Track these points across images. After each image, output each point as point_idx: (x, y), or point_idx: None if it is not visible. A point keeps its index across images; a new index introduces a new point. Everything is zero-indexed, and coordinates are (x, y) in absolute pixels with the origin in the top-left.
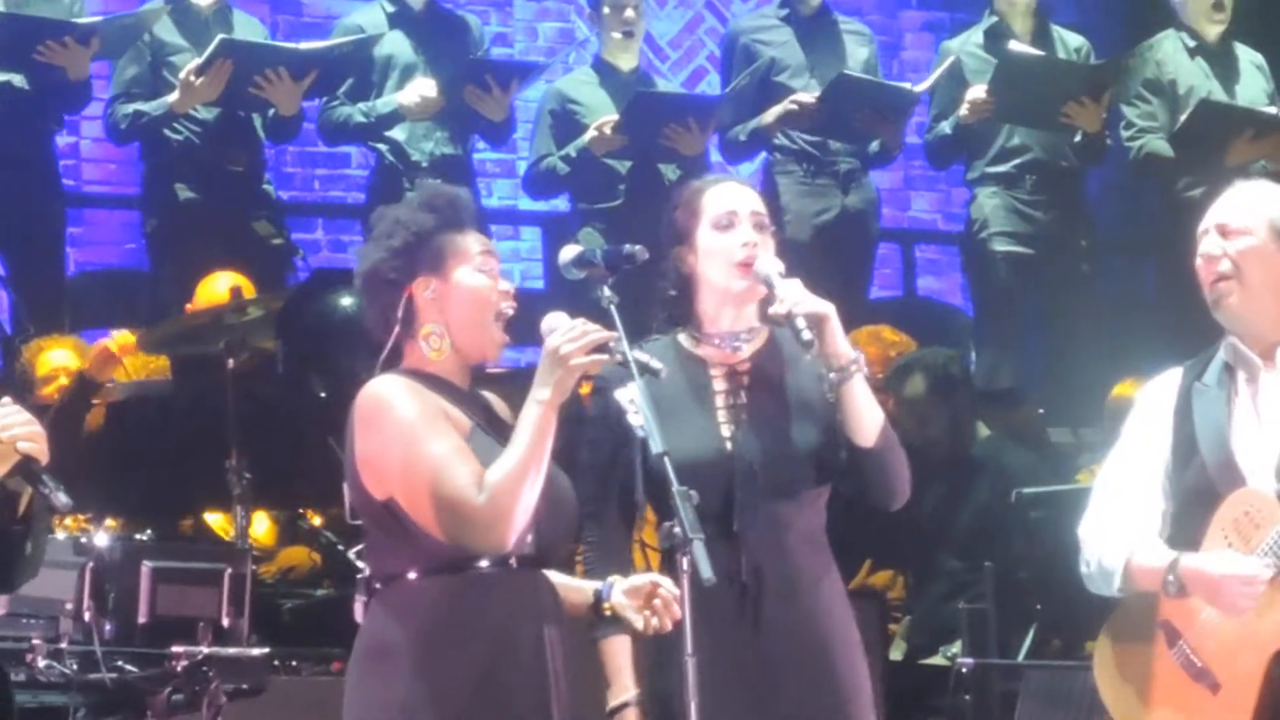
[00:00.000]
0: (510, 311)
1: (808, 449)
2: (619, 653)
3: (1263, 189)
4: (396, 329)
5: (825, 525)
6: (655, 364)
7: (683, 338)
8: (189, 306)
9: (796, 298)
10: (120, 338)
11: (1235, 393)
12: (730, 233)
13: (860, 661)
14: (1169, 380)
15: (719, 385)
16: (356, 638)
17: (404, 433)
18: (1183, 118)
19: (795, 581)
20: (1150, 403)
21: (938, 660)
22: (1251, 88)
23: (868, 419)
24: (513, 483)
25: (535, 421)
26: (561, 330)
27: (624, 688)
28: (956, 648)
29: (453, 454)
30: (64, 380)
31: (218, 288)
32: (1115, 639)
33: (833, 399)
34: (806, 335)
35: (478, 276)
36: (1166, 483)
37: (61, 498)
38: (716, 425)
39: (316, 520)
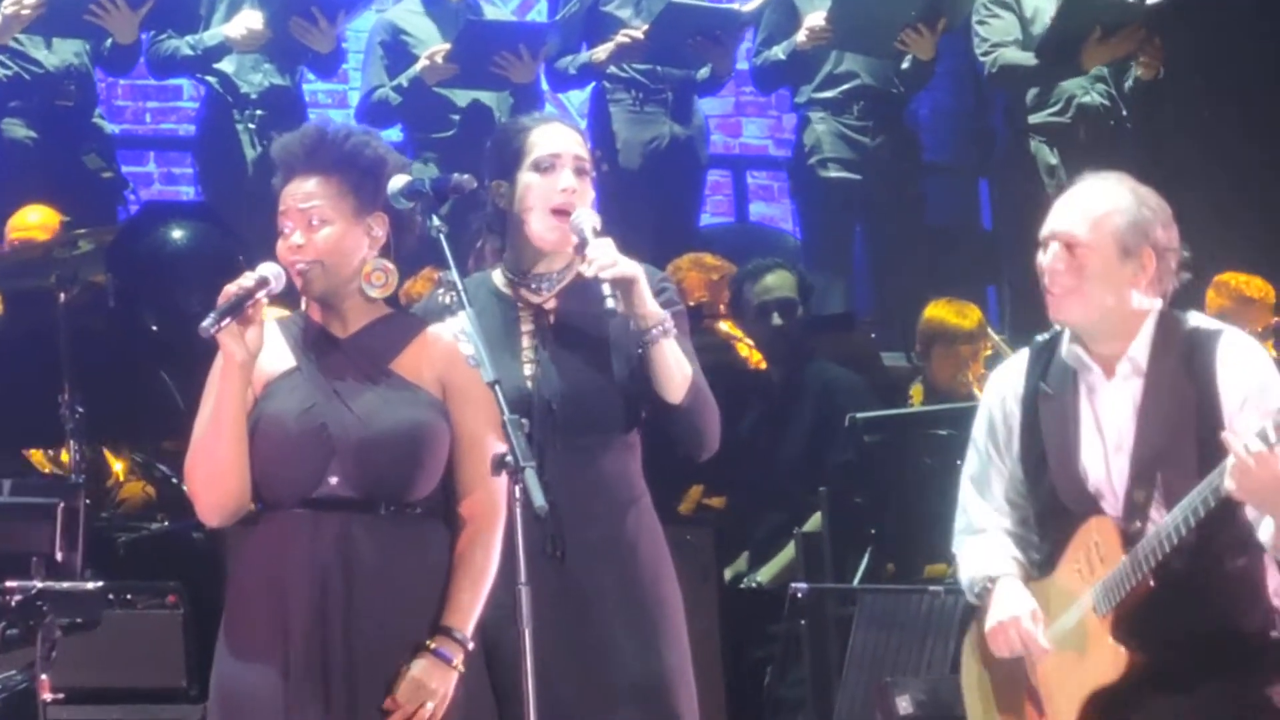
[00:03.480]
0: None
1: (609, 390)
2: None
3: (1108, 193)
4: None
5: (638, 464)
6: None
7: (495, 275)
8: (6, 240)
9: (604, 261)
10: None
11: (1078, 402)
12: (550, 175)
13: (670, 590)
14: (1012, 378)
15: (526, 325)
16: None
17: None
18: (1049, 20)
19: (597, 517)
20: (996, 404)
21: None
22: None
23: (677, 378)
24: (190, 454)
25: (209, 391)
26: None
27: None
28: (762, 576)
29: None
30: None
31: (29, 220)
32: (974, 648)
33: (640, 356)
34: (610, 304)
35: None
36: (1020, 493)
37: None
38: (520, 364)
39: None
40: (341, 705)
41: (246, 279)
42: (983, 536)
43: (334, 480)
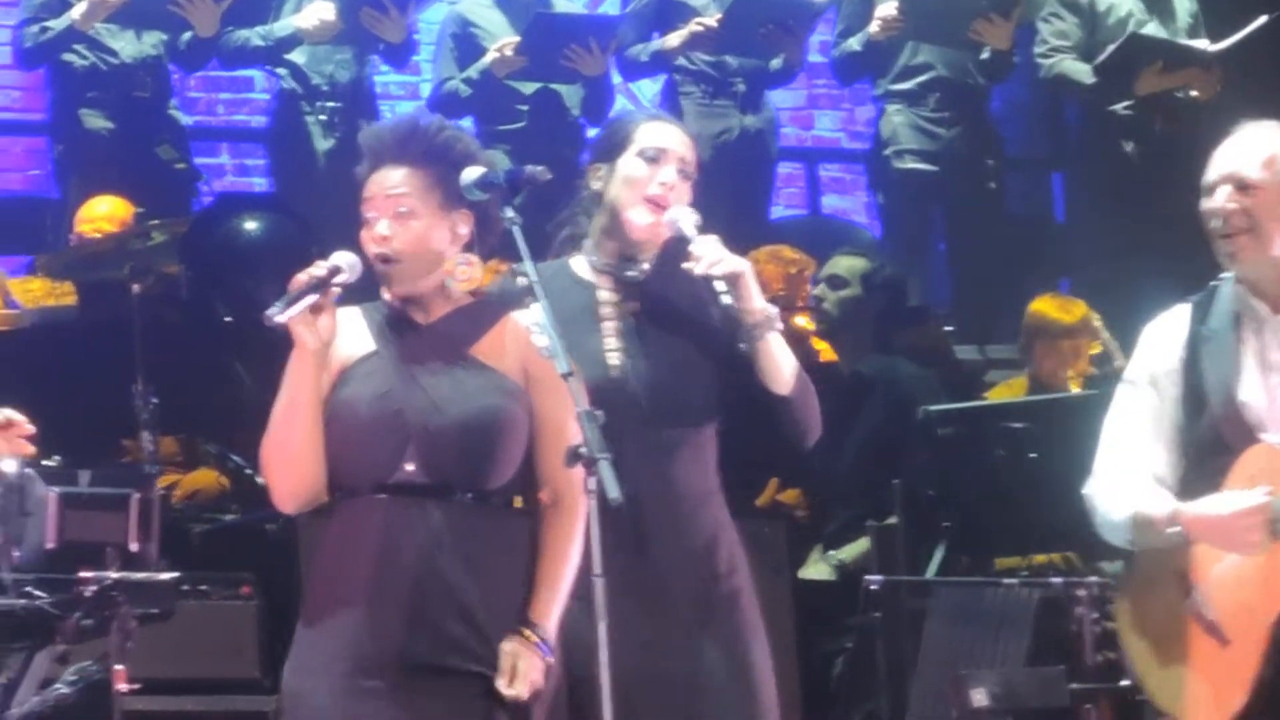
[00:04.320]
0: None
1: (695, 383)
2: None
3: (1274, 137)
4: None
5: (714, 458)
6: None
7: (574, 262)
8: (75, 232)
9: (713, 258)
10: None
11: (1242, 341)
12: (653, 167)
13: (747, 583)
14: (1175, 323)
15: (607, 311)
16: None
17: None
18: (1110, 48)
19: (676, 508)
20: (1156, 347)
21: (823, 569)
22: (1179, 9)
23: (784, 369)
24: (266, 441)
25: (285, 378)
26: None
27: None
28: (844, 554)
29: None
30: None
31: (98, 211)
32: (1132, 592)
33: (748, 351)
34: (726, 299)
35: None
36: (1178, 434)
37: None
38: (603, 351)
39: None
40: (424, 694)
41: (318, 268)
42: (1133, 477)
43: (410, 466)
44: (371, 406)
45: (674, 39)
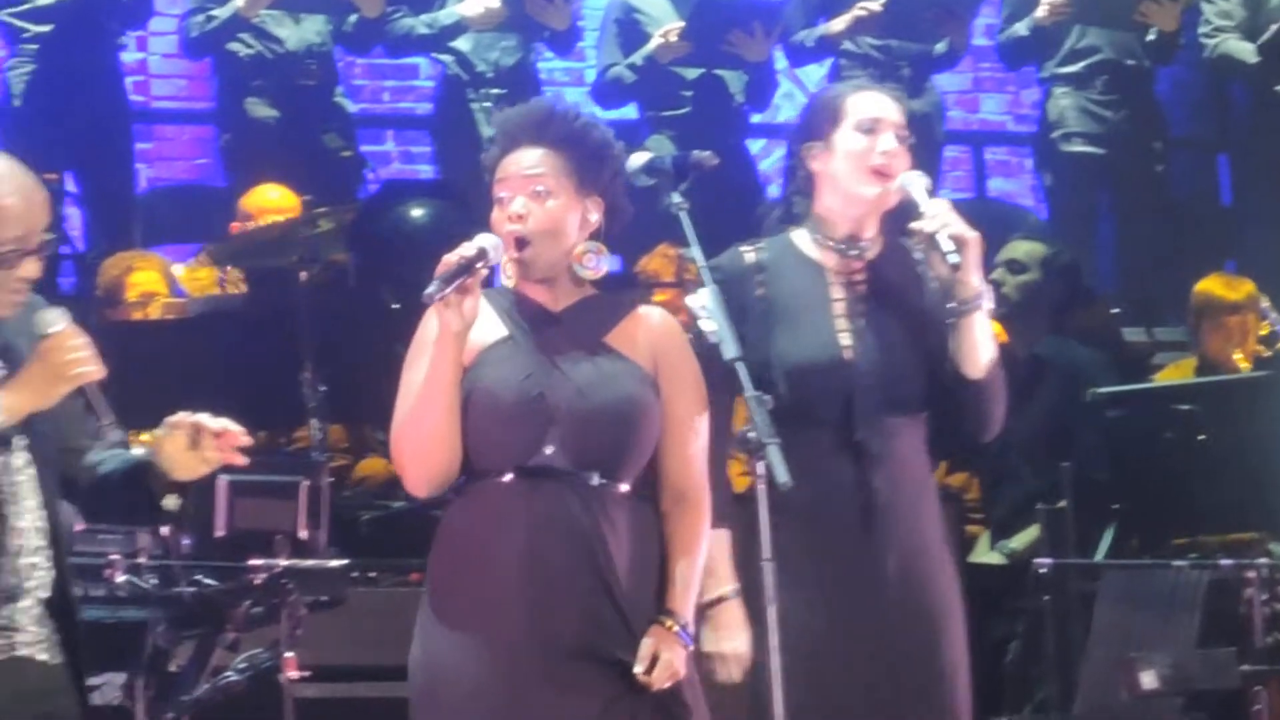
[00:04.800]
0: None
1: (921, 364)
2: (716, 545)
3: None
4: None
5: (927, 457)
6: (111, 430)
7: (796, 237)
8: (236, 225)
9: (946, 218)
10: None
11: None
12: (871, 137)
13: (953, 574)
14: None
15: (837, 292)
16: None
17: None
18: (1274, 28)
19: (900, 494)
20: None
21: (994, 557)
22: None
23: (982, 352)
24: (399, 425)
25: (421, 361)
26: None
27: (720, 580)
28: (1015, 543)
29: (403, 390)
30: (157, 305)
31: (268, 198)
32: None
33: (951, 327)
34: (954, 258)
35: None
36: None
37: (113, 430)
38: (834, 332)
39: None
40: (565, 679)
41: (467, 248)
42: None
43: (549, 450)
44: (513, 390)
45: (839, 23)
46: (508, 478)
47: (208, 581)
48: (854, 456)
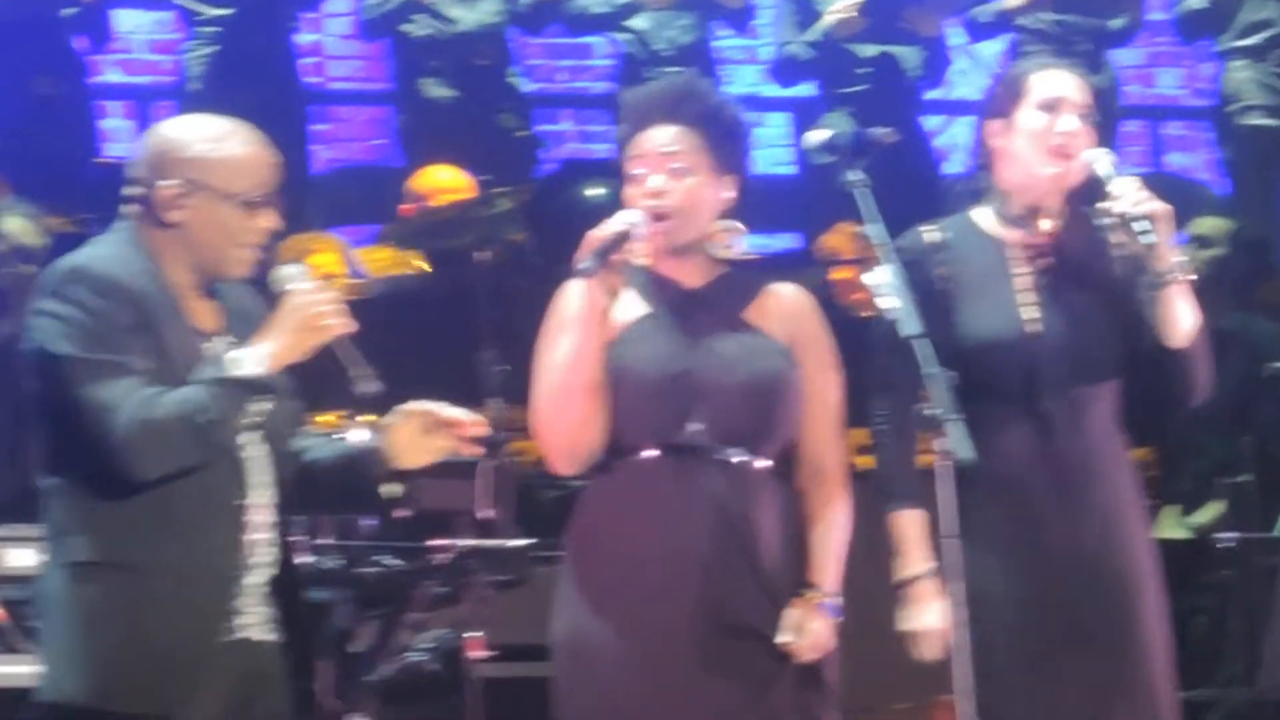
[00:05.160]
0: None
1: (1109, 337)
2: (909, 525)
3: None
4: None
5: (1119, 431)
6: (366, 384)
7: (976, 215)
8: (405, 207)
9: (1136, 197)
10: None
11: None
12: (1052, 116)
13: (1149, 547)
14: None
15: (1019, 267)
16: None
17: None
18: None
19: (1093, 468)
20: None
21: (1181, 532)
22: None
23: (1185, 322)
24: (544, 403)
25: (566, 342)
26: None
27: (915, 560)
28: (1200, 517)
29: (543, 368)
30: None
31: (440, 179)
32: None
33: (1150, 299)
34: (1150, 238)
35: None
36: None
37: (368, 384)
38: (1017, 306)
39: None
40: (711, 656)
41: (613, 223)
42: None
43: (695, 426)
44: (659, 366)
45: None
46: (653, 454)
47: (391, 562)
48: (1042, 429)
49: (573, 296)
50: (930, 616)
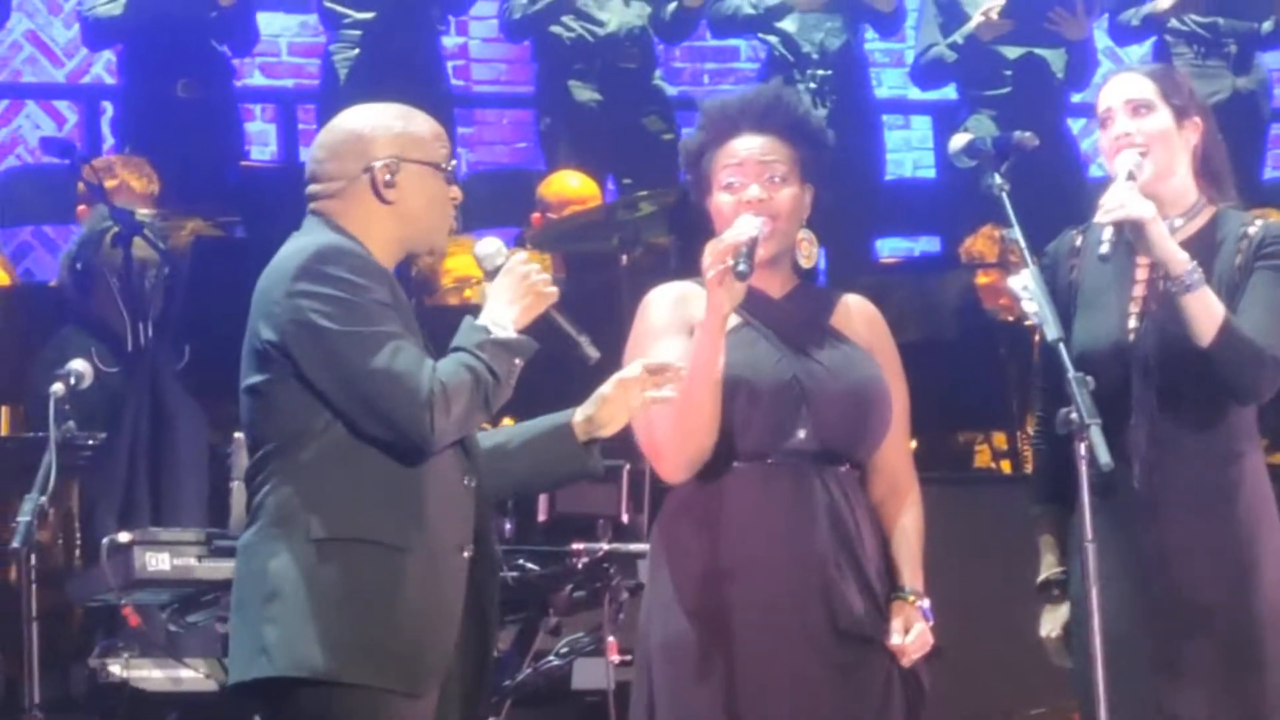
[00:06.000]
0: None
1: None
2: (1048, 530)
3: None
4: None
5: (1241, 416)
6: (589, 349)
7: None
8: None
9: (1108, 205)
10: None
11: None
12: (1109, 127)
13: (1266, 550)
14: None
15: (1140, 274)
16: None
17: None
18: None
19: (1188, 472)
20: None
21: None
22: None
23: (1203, 323)
24: (668, 417)
25: (670, 349)
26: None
27: (1049, 565)
28: None
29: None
30: (472, 290)
31: (569, 185)
32: None
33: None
34: (1104, 249)
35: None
36: None
37: (590, 348)
38: (1126, 315)
39: None
40: (839, 662)
41: (744, 229)
42: None
43: (802, 434)
44: (766, 373)
45: (1165, 1)
46: (766, 461)
47: (530, 566)
48: (1139, 438)
49: (660, 305)
50: (1055, 623)
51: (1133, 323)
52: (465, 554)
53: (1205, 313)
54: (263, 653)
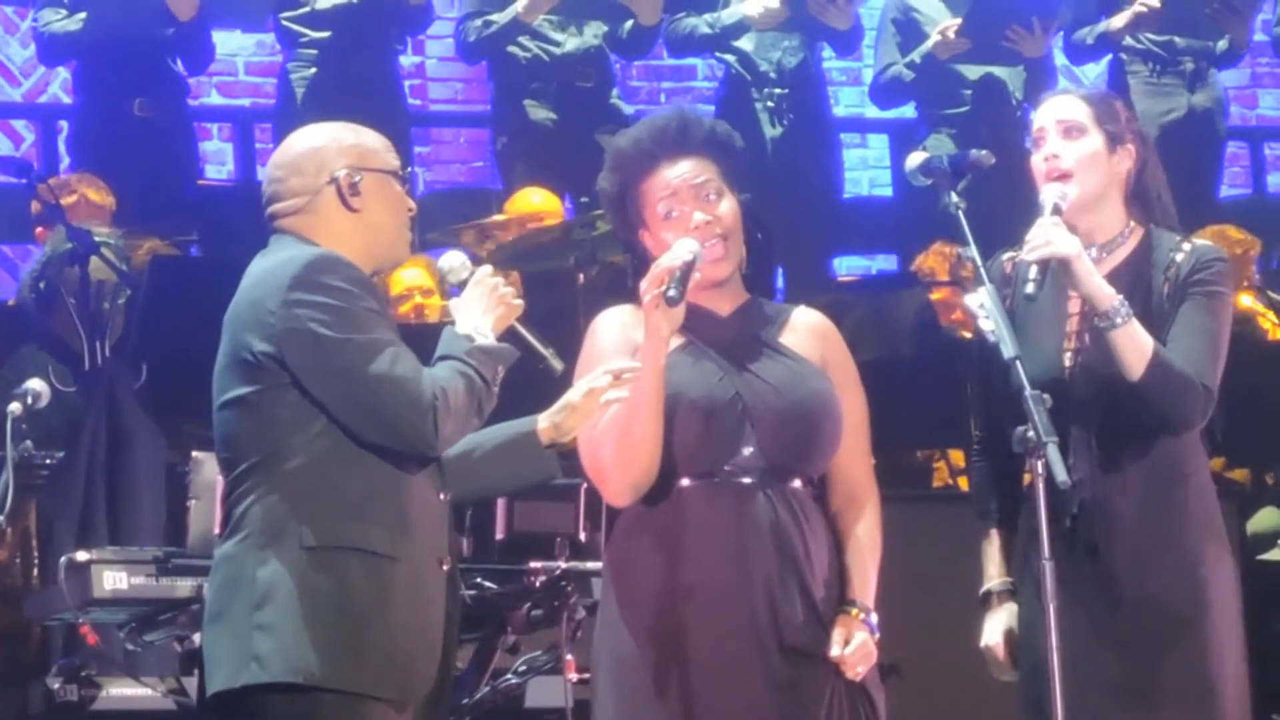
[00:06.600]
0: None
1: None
2: (990, 543)
3: None
4: None
5: (1184, 441)
6: (554, 361)
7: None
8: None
9: (1034, 241)
10: None
11: None
12: (1039, 149)
13: (1215, 574)
14: None
15: (1073, 306)
16: None
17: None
18: None
19: (1130, 502)
20: None
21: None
22: None
23: (1132, 358)
24: (595, 436)
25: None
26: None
27: (989, 576)
28: None
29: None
30: (419, 299)
31: (533, 202)
32: None
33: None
34: (1029, 288)
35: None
36: None
37: (556, 361)
38: (1061, 351)
39: None
40: (784, 678)
41: (680, 253)
42: None
43: (748, 451)
44: (708, 391)
45: (1119, 20)
46: (711, 480)
47: (488, 584)
48: (1080, 473)
49: (608, 328)
50: (995, 632)
51: (1068, 360)
52: (444, 566)
53: (1134, 347)
54: (254, 660)
